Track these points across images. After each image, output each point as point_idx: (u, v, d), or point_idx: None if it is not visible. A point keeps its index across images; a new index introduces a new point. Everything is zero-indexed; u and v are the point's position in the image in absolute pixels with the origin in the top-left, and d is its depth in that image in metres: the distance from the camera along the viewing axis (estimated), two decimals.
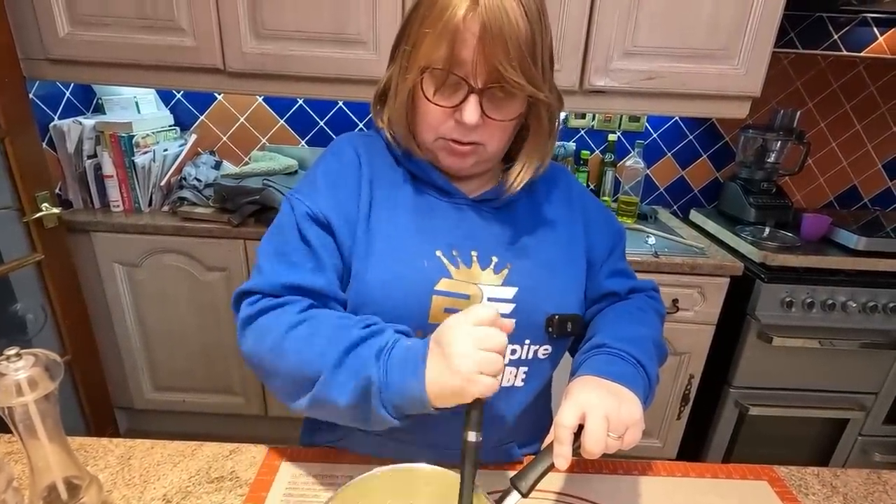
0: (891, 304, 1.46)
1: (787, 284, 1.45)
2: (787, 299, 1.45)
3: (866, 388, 1.58)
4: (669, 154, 1.91)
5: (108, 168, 1.58)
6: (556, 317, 0.63)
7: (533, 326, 0.63)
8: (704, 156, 1.91)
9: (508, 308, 0.62)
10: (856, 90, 1.81)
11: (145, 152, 1.59)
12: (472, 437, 0.48)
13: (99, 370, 1.66)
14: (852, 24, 1.66)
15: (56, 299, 1.48)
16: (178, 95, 1.76)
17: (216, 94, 1.76)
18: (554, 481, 0.66)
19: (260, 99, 1.77)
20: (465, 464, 0.47)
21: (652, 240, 1.58)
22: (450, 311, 0.60)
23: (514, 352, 0.64)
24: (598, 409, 0.49)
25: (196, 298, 1.62)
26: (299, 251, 0.60)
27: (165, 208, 1.64)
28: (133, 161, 1.57)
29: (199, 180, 1.61)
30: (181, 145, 1.70)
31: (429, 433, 0.64)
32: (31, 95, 1.48)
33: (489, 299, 0.62)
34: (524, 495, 0.48)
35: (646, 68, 1.39)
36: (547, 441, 0.51)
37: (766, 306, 1.47)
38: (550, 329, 0.63)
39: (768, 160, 1.73)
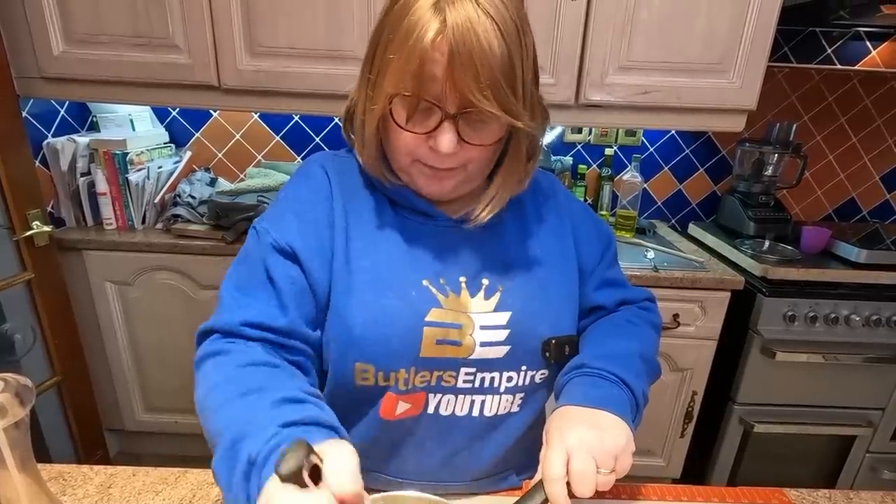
0: (894, 318, 1.43)
1: (788, 298, 1.43)
2: (790, 313, 1.43)
3: (873, 403, 1.54)
4: (667, 168, 1.90)
5: (102, 185, 1.57)
6: (553, 340, 0.60)
7: (529, 352, 0.60)
8: (702, 169, 1.91)
9: (503, 335, 0.59)
10: (851, 103, 1.82)
11: (139, 169, 1.58)
12: None
13: (89, 391, 1.63)
14: (845, 39, 1.68)
15: (46, 319, 1.45)
16: (174, 113, 1.76)
17: (211, 111, 1.76)
18: None
19: (255, 115, 1.77)
20: None
21: (651, 254, 1.56)
22: (442, 342, 0.57)
23: (510, 379, 0.61)
24: (580, 449, 0.47)
25: (189, 317, 1.59)
26: (262, 285, 0.54)
27: (159, 226, 1.63)
28: (127, 178, 1.56)
29: (193, 197, 1.60)
30: (176, 162, 1.69)
31: (406, 465, 0.64)
32: (24, 113, 1.48)
33: (482, 328, 0.58)
34: None
35: (641, 82, 1.39)
36: (536, 478, 0.49)
37: (769, 321, 1.44)
38: (548, 354, 0.61)
39: (766, 173, 1.72)
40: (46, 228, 1.38)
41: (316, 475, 0.33)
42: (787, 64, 1.63)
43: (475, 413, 0.61)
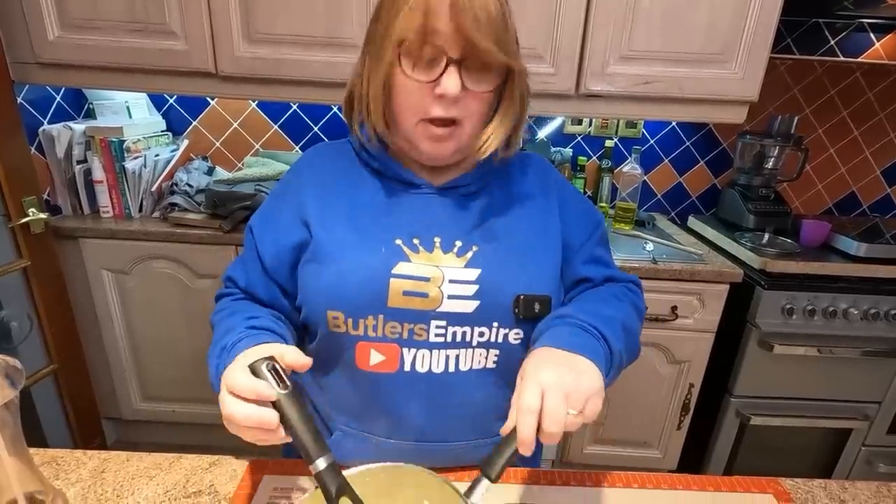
0: (892, 312, 1.43)
1: (787, 291, 1.43)
2: (788, 306, 1.43)
3: (869, 397, 1.54)
4: (667, 160, 1.89)
5: (98, 173, 1.56)
6: (523, 297, 0.61)
7: (499, 308, 0.61)
8: (702, 162, 1.90)
9: (471, 290, 0.61)
10: (853, 96, 1.80)
11: (136, 157, 1.57)
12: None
13: (86, 380, 1.63)
14: (849, 30, 1.66)
15: (42, 307, 1.45)
16: (171, 101, 1.74)
17: (209, 100, 1.74)
18: (551, 495, 0.63)
19: (253, 104, 1.76)
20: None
21: (650, 246, 1.55)
22: (409, 294, 0.60)
23: (482, 334, 0.62)
24: (556, 387, 0.48)
25: (186, 306, 1.59)
26: (242, 256, 0.70)
27: (156, 214, 1.62)
28: (124, 166, 1.55)
29: (190, 186, 1.59)
30: (173, 151, 1.67)
31: (398, 430, 0.65)
32: (20, 99, 1.46)
33: (451, 281, 0.61)
34: (493, 481, 0.47)
35: (642, 73, 1.37)
36: (509, 424, 0.49)
37: (767, 314, 1.44)
38: (517, 310, 0.61)
39: (766, 166, 1.71)
40: (42, 216, 1.38)
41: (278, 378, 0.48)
42: (789, 55, 1.62)
43: (451, 369, 0.62)
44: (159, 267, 1.55)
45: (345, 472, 0.48)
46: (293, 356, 0.51)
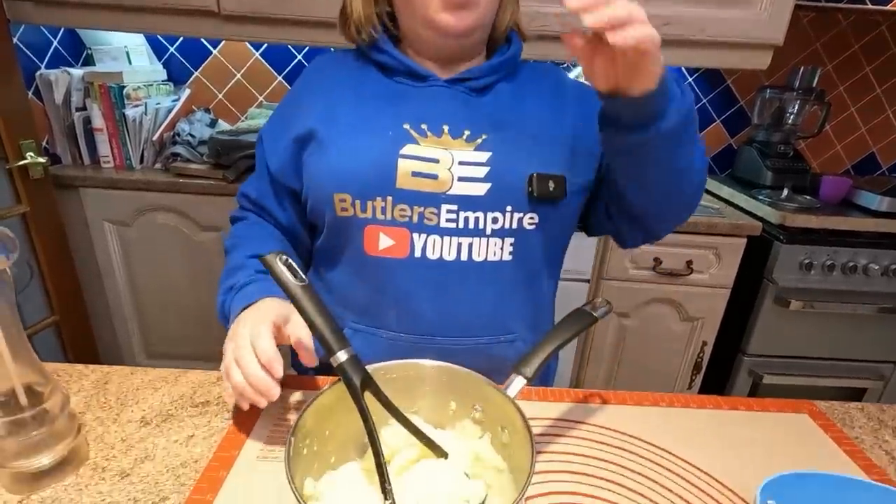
0: None
1: (806, 246, 1.39)
2: (807, 261, 1.39)
3: (884, 356, 1.52)
4: None
5: (98, 121, 1.51)
6: (536, 175, 0.59)
7: (512, 190, 0.59)
8: (718, 121, 1.85)
9: (482, 171, 0.59)
10: (877, 51, 1.74)
11: (136, 105, 1.52)
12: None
13: (89, 334, 1.60)
14: None
15: (42, 256, 1.41)
16: (172, 49, 1.69)
17: (210, 48, 1.69)
18: (578, 412, 0.60)
19: (257, 53, 1.70)
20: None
21: None
22: (418, 175, 0.58)
23: (495, 220, 0.60)
24: None
25: (190, 260, 1.55)
26: (257, 169, 0.70)
27: (158, 165, 1.58)
28: (124, 114, 1.50)
29: (192, 136, 1.55)
30: (174, 100, 1.62)
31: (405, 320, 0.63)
32: (15, 40, 1.41)
33: (461, 163, 0.59)
34: (529, 380, 0.45)
35: (662, 13, 1.31)
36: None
37: (785, 269, 1.40)
38: (531, 189, 0.59)
39: (786, 122, 1.66)
40: (41, 160, 1.33)
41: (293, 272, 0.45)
42: (814, 2, 1.55)
43: (464, 257, 0.60)
44: (162, 219, 1.51)
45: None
46: (296, 328, 0.52)
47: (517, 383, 0.45)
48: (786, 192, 1.56)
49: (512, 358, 0.64)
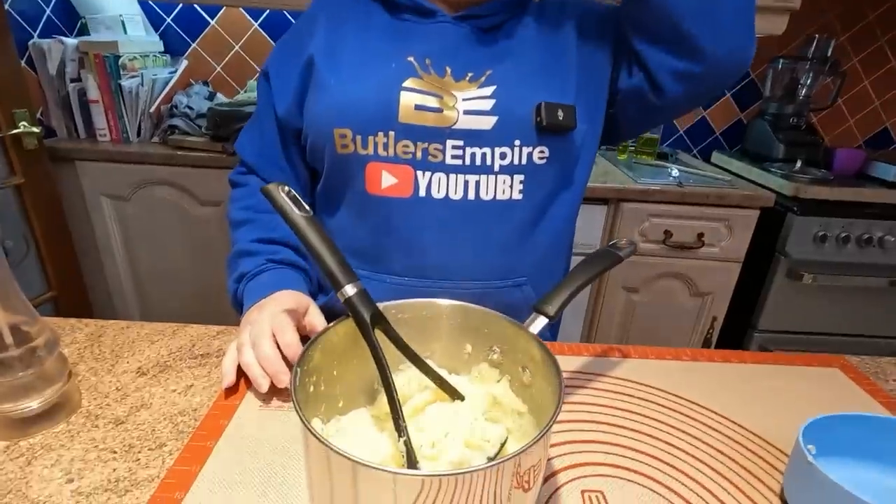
0: None
1: (821, 217, 1.35)
2: (821, 233, 1.36)
3: None
4: None
5: (94, 92, 1.47)
6: (544, 103, 0.55)
7: (520, 122, 0.56)
8: (728, 94, 1.80)
9: (488, 105, 0.56)
10: (893, 23, 1.69)
11: (133, 76, 1.48)
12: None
13: (87, 309, 1.58)
14: None
15: (39, 230, 1.38)
16: (168, 20, 1.64)
17: (208, 18, 1.64)
18: (597, 365, 0.57)
19: (256, 24, 1.65)
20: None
21: (675, 172, 1.47)
22: (421, 108, 0.55)
23: (504, 156, 0.57)
24: None
25: (189, 235, 1.52)
26: (254, 118, 0.67)
27: (155, 139, 1.54)
28: (120, 85, 1.46)
29: (191, 108, 1.51)
30: (171, 72, 1.58)
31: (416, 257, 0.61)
32: (6, 6, 1.37)
33: (465, 99, 0.56)
34: (552, 318, 0.42)
35: None
36: None
37: (798, 241, 1.37)
38: (539, 119, 0.55)
39: (799, 94, 1.61)
40: (34, 129, 1.30)
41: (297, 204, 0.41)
42: None
43: (471, 196, 0.57)
44: (160, 193, 1.48)
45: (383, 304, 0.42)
46: (315, 317, 0.54)
47: (539, 322, 0.42)
48: (799, 164, 1.52)
49: (522, 304, 0.61)
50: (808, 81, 1.60)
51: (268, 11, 1.64)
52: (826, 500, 0.35)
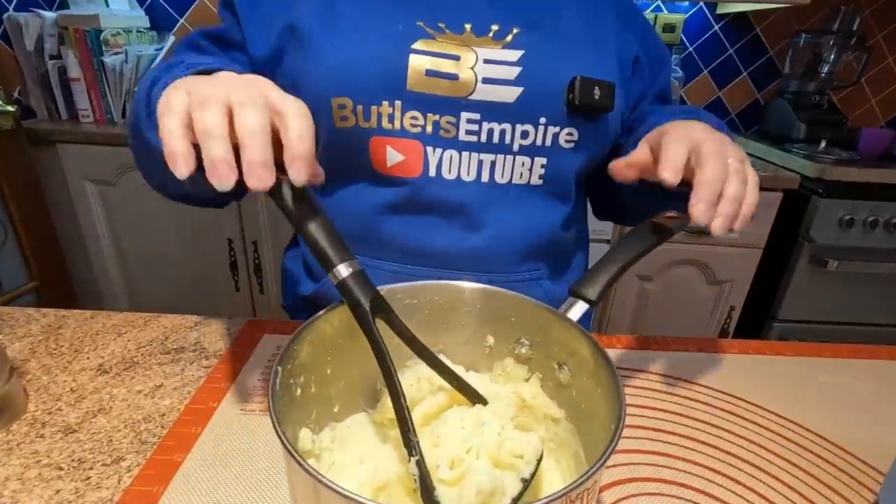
0: None
1: (847, 200, 1.27)
2: (847, 217, 1.28)
3: None
4: (706, 71, 1.70)
5: (74, 70, 1.38)
6: (579, 78, 0.47)
7: (549, 97, 0.48)
8: (745, 73, 1.71)
9: (513, 72, 0.47)
10: None
11: (116, 53, 1.39)
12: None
13: (72, 299, 1.50)
14: None
15: (18, 216, 1.30)
16: None
17: None
18: (634, 360, 0.49)
19: None
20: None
21: None
22: (433, 74, 0.47)
23: (525, 135, 0.48)
24: (709, 143, 0.38)
25: (178, 222, 1.44)
26: (209, 42, 0.51)
27: None
28: (102, 62, 1.37)
29: None
30: (158, 49, 1.49)
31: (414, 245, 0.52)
32: None
33: (486, 61, 0.47)
34: (594, 303, 0.35)
35: None
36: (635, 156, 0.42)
37: (823, 225, 1.29)
38: (572, 95, 0.47)
39: (822, 71, 1.53)
40: (10, 108, 1.22)
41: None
42: None
43: (484, 178, 0.50)
44: None
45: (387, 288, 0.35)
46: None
47: (577, 308, 0.34)
48: (823, 144, 1.44)
49: (537, 298, 0.53)
50: (832, 57, 1.51)
51: None
52: None
